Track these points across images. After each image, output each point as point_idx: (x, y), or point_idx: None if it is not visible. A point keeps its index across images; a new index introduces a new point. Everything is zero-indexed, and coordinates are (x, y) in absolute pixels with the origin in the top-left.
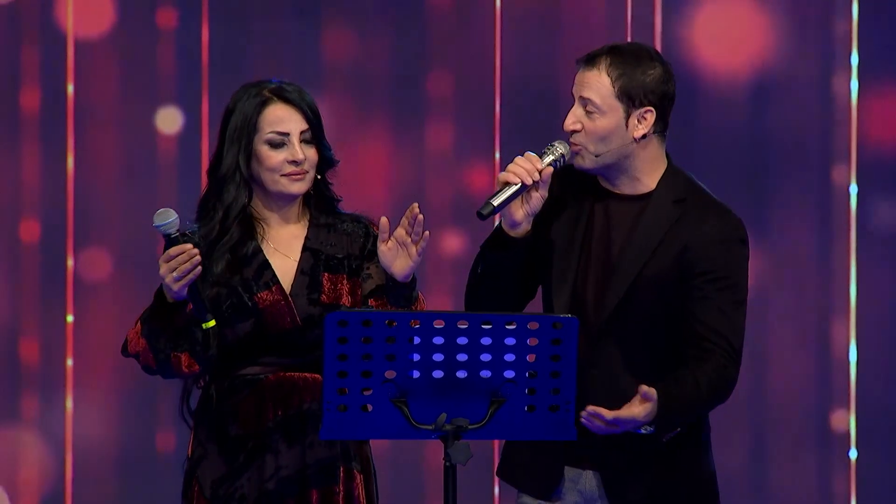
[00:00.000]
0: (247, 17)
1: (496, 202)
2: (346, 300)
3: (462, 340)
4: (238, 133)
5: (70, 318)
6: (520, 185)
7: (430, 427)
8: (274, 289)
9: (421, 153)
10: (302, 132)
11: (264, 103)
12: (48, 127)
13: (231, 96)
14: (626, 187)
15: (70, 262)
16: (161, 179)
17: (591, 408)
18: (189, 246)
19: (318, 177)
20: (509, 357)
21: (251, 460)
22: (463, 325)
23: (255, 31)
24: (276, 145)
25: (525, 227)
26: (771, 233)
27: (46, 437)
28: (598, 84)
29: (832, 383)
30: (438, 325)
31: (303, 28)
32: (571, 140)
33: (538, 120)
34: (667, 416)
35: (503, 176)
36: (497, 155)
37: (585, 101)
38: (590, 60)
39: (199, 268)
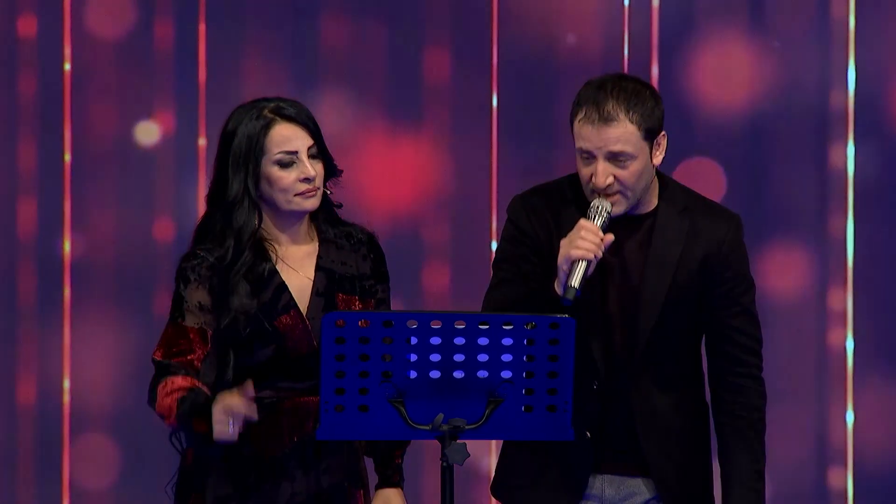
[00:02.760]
0: (243, 12)
1: (576, 283)
2: None
3: (459, 341)
4: (244, 157)
5: (67, 341)
6: (588, 262)
7: (427, 427)
8: (292, 313)
9: (418, 143)
10: (309, 148)
11: (268, 125)
12: (45, 113)
13: (227, 119)
14: (637, 209)
15: (67, 248)
16: (158, 172)
17: None
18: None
19: (328, 191)
20: (506, 357)
21: (261, 483)
22: (460, 326)
23: (252, 26)
24: (285, 165)
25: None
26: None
27: (44, 438)
28: (626, 135)
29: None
30: (436, 325)
31: (299, 21)
32: (606, 192)
33: (536, 108)
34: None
35: (576, 253)
36: (494, 144)
37: (615, 155)
38: (605, 117)
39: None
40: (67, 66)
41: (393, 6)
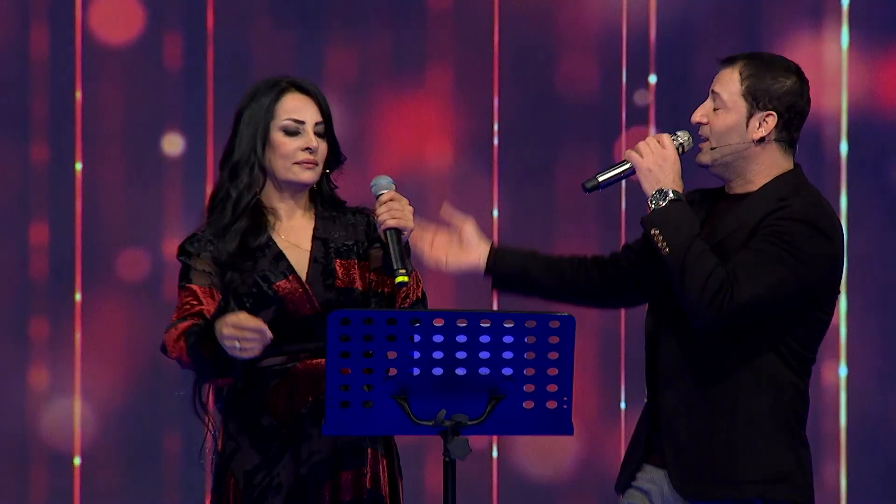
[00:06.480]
0: (251, 22)
1: (602, 178)
2: (358, 284)
3: (461, 338)
4: (255, 119)
5: (77, 299)
6: (629, 167)
7: (429, 423)
8: (291, 278)
9: (423, 144)
10: (316, 123)
11: (282, 91)
12: (57, 129)
13: (248, 89)
14: (738, 188)
15: (77, 263)
16: (166, 183)
17: None
18: (262, 325)
19: (327, 171)
20: (508, 355)
21: (285, 448)
22: (462, 324)
23: (259, 36)
24: (290, 132)
25: None
26: None
27: (54, 435)
28: (728, 81)
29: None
30: (438, 323)
31: (306, 34)
32: (699, 133)
33: (536, 111)
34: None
35: (627, 153)
36: (496, 141)
37: (715, 96)
38: (729, 59)
39: (268, 338)
40: (79, 95)
41: (397, 16)
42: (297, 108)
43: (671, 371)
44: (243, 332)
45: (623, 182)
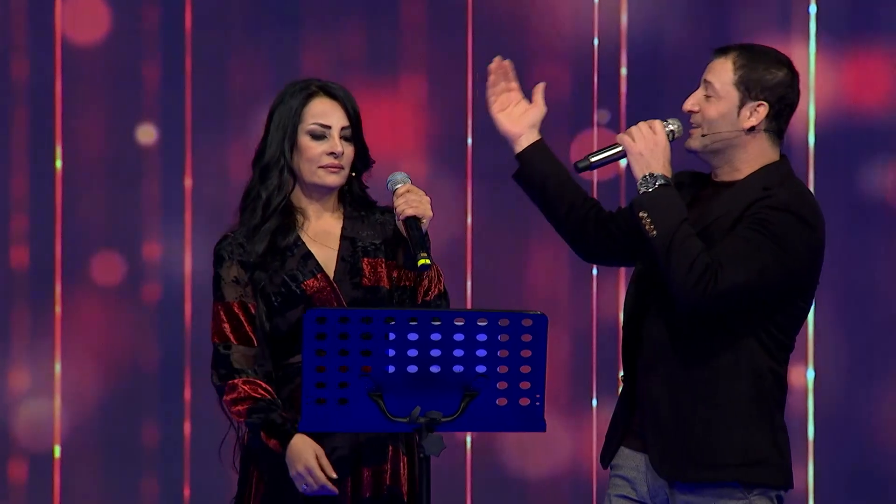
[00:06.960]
0: (228, 24)
1: (594, 159)
2: (385, 282)
3: (436, 336)
4: (284, 122)
5: (58, 309)
6: (621, 150)
7: (404, 419)
8: (319, 276)
9: (397, 146)
10: (343, 128)
11: (311, 95)
12: (36, 127)
13: (279, 92)
14: (724, 175)
15: (58, 262)
16: (145, 176)
17: None
18: (332, 487)
19: (353, 174)
20: (481, 352)
21: None
22: (436, 322)
23: (236, 38)
24: (317, 136)
25: None
26: None
27: (33, 431)
28: (721, 70)
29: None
30: (413, 322)
31: (282, 35)
32: (690, 121)
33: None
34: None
35: (619, 137)
36: (469, 143)
37: (707, 85)
38: (722, 49)
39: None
40: (58, 89)
41: (371, 19)
42: (323, 112)
43: (654, 354)
44: (310, 481)
45: (595, 185)
